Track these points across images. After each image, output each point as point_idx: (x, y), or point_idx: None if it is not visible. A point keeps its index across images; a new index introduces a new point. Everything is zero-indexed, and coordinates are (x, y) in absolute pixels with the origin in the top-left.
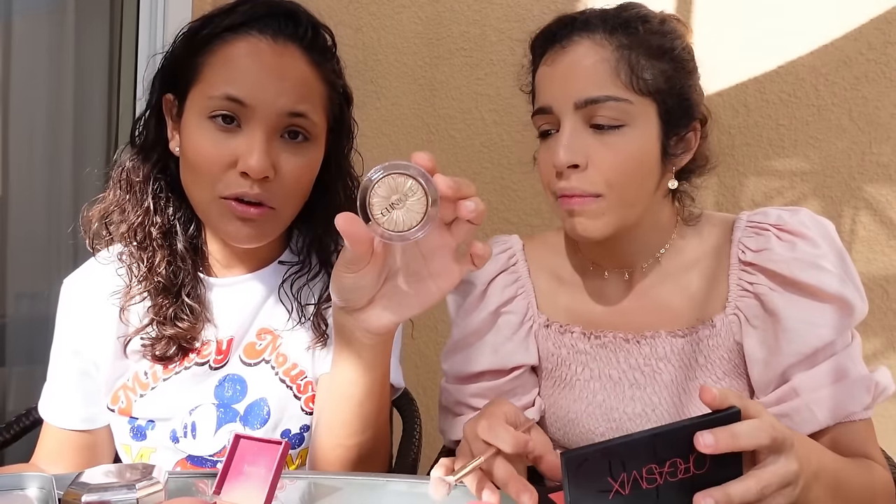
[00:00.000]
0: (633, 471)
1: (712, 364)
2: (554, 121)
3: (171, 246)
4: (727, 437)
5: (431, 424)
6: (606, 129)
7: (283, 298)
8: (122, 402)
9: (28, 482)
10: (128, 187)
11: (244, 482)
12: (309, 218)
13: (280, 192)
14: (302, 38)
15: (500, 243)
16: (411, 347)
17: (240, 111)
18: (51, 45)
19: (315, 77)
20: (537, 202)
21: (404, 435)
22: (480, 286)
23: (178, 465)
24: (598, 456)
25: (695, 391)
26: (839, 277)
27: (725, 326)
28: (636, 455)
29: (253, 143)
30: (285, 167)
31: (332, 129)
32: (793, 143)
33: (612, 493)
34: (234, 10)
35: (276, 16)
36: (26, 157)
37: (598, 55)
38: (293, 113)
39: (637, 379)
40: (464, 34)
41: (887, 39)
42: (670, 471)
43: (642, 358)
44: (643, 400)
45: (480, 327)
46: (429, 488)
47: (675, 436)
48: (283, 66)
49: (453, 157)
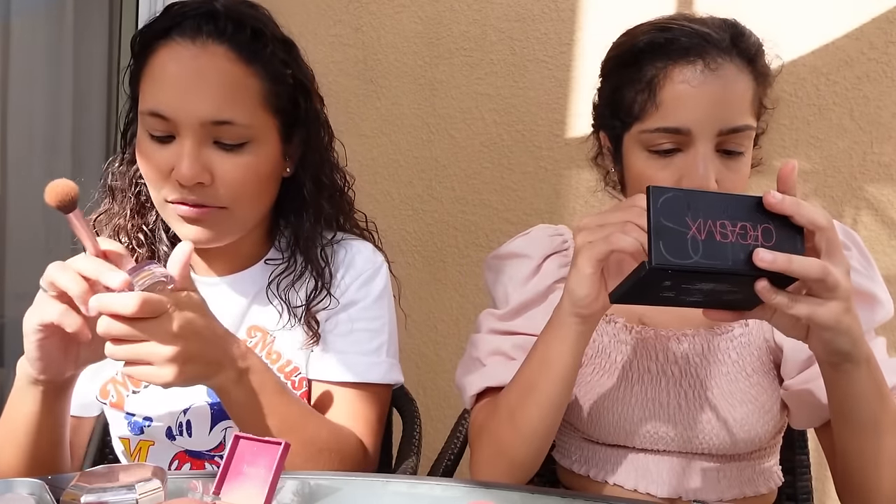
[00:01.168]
0: (709, 220)
1: (743, 360)
2: (682, 140)
3: (153, 247)
4: (792, 203)
5: (431, 424)
6: (734, 154)
7: (271, 298)
8: (112, 395)
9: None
10: (112, 193)
11: (244, 482)
12: (288, 213)
13: (223, 194)
14: (222, 35)
15: (550, 228)
16: (411, 347)
17: (167, 124)
18: (49, 44)
19: (245, 74)
20: (537, 202)
21: (404, 435)
22: (536, 259)
23: (177, 457)
24: (678, 195)
25: (727, 386)
26: (868, 277)
27: (757, 325)
28: (711, 206)
29: (182, 152)
30: (221, 171)
31: (291, 123)
32: (794, 143)
33: (690, 233)
34: (164, 14)
35: (196, 16)
36: (25, 156)
37: (744, 83)
38: (217, 121)
39: (673, 373)
40: (464, 34)
41: (889, 39)
42: (741, 233)
43: (680, 354)
44: (678, 393)
45: (535, 298)
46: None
47: (745, 201)
48: (203, 71)
49: (453, 157)
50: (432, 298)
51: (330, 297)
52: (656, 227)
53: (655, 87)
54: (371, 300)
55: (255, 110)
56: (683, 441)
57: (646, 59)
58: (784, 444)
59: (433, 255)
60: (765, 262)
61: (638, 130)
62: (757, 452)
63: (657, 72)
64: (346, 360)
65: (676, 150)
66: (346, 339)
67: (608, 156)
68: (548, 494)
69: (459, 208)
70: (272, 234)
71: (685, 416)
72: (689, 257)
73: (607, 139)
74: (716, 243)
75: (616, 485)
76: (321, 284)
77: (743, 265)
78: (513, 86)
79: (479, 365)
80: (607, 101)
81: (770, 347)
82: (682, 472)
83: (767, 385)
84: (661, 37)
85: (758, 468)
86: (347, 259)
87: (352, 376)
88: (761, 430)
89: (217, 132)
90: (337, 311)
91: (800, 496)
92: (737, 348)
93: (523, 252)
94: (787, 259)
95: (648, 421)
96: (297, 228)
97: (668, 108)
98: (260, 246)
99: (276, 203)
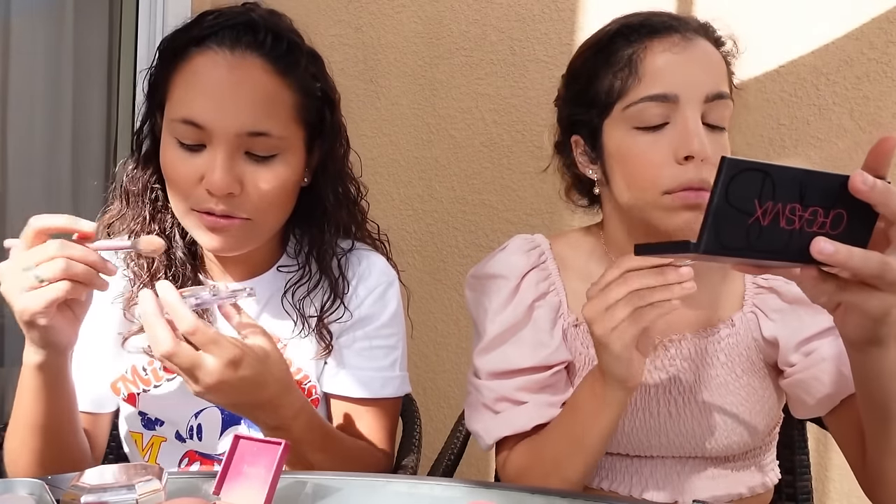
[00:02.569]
0: (779, 203)
1: (733, 362)
2: (669, 111)
3: (169, 252)
4: (883, 192)
5: (431, 425)
6: (717, 129)
7: (285, 307)
8: (123, 393)
9: (18, 488)
10: (127, 197)
11: (244, 483)
12: (303, 222)
13: (250, 205)
14: (261, 47)
15: (527, 241)
16: (411, 347)
17: (200, 133)
18: (49, 44)
19: (280, 87)
20: (537, 202)
21: (404, 435)
22: (514, 280)
23: (187, 455)
24: (756, 170)
25: (717, 390)
26: None
27: (744, 324)
28: (787, 187)
29: (215, 162)
30: (252, 182)
31: (314, 135)
32: (794, 143)
33: (753, 218)
34: (198, 22)
35: (235, 26)
36: (25, 156)
37: (718, 57)
38: (252, 133)
39: (661, 380)
40: (464, 34)
41: (889, 39)
42: (809, 219)
43: (668, 360)
44: (668, 401)
45: (517, 322)
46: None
47: (826, 180)
48: (241, 82)
49: (453, 157)
50: (432, 298)
51: (344, 308)
52: (718, 209)
53: (636, 62)
54: (388, 317)
55: (287, 123)
56: (677, 448)
57: (620, 41)
58: (784, 444)
59: (433, 255)
60: (823, 255)
61: (622, 108)
62: (752, 451)
63: (635, 48)
64: (362, 377)
65: (664, 123)
66: (363, 355)
67: (584, 163)
68: (548, 494)
69: (459, 208)
70: (284, 241)
71: (676, 424)
72: (743, 244)
73: (581, 140)
74: (778, 230)
75: (612, 491)
76: (335, 295)
77: (797, 254)
78: (513, 86)
79: (490, 412)
80: (578, 96)
81: (759, 345)
82: (677, 476)
83: (758, 384)
84: (633, 19)
85: (754, 467)
86: (361, 271)
87: (369, 393)
88: (754, 431)
89: (250, 143)
90: (352, 326)
91: (800, 496)
92: (725, 350)
93: (501, 272)
94: (848, 253)
95: (640, 431)
96: (313, 238)
97: (652, 77)
98: (273, 253)
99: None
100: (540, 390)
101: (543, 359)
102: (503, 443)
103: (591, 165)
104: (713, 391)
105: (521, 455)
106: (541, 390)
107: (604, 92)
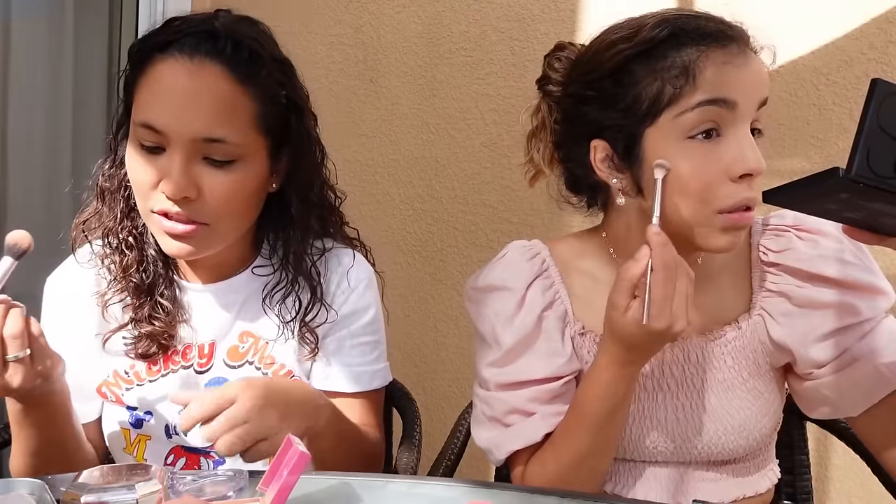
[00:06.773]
0: None
1: (739, 366)
2: (724, 119)
3: (142, 249)
4: None
5: (431, 425)
6: (757, 134)
7: (265, 309)
8: (110, 397)
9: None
10: (102, 196)
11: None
12: (276, 228)
13: (208, 210)
14: (220, 54)
15: (526, 248)
16: (411, 347)
17: (158, 136)
18: (49, 47)
19: (239, 94)
20: (537, 202)
21: (404, 435)
22: (518, 291)
23: (173, 452)
24: None
25: (724, 394)
26: (866, 269)
27: (751, 327)
28: None
29: (172, 166)
30: (209, 187)
31: (279, 142)
32: (794, 143)
33: None
34: (164, 28)
35: (196, 34)
36: (25, 158)
37: (765, 65)
38: (208, 139)
39: (669, 386)
40: (464, 34)
41: (889, 39)
42: None
43: (676, 364)
44: (675, 407)
45: (529, 333)
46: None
47: None
48: (199, 89)
49: (453, 156)
50: (432, 298)
51: (327, 309)
52: (869, 131)
53: (694, 71)
54: (372, 313)
55: (246, 130)
56: (682, 452)
57: (670, 46)
58: (784, 444)
59: (433, 255)
60: None
61: (672, 115)
62: (754, 452)
63: (692, 56)
64: (352, 373)
65: (717, 134)
66: (352, 352)
67: (604, 169)
68: (548, 494)
69: (459, 208)
70: (258, 243)
71: (683, 429)
72: (892, 175)
73: (606, 145)
74: None
75: (615, 494)
76: (315, 299)
77: None
78: (513, 86)
79: (500, 426)
80: (610, 99)
81: (766, 348)
82: (681, 479)
83: (764, 387)
84: (684, 24)
85: (756, 467)
86: (342, 270)
87: (359, 387)
88: (759, 434)
89: (207, 149)
90: (337, 326)
91: (800, 496)
92: (731, 353)
93: (503, 284)
94: None
95: (646, 436)
96: (286, 243)
97: (710, 84)
98: (246, 255)
99: (262, 215)
100: (550, 401)
101: (557, 369)
102: (516, 457)
103: (616, 174)
104: (720, 396)
105: (541, 464)
106: (551, 401)
107: (650, 98)
